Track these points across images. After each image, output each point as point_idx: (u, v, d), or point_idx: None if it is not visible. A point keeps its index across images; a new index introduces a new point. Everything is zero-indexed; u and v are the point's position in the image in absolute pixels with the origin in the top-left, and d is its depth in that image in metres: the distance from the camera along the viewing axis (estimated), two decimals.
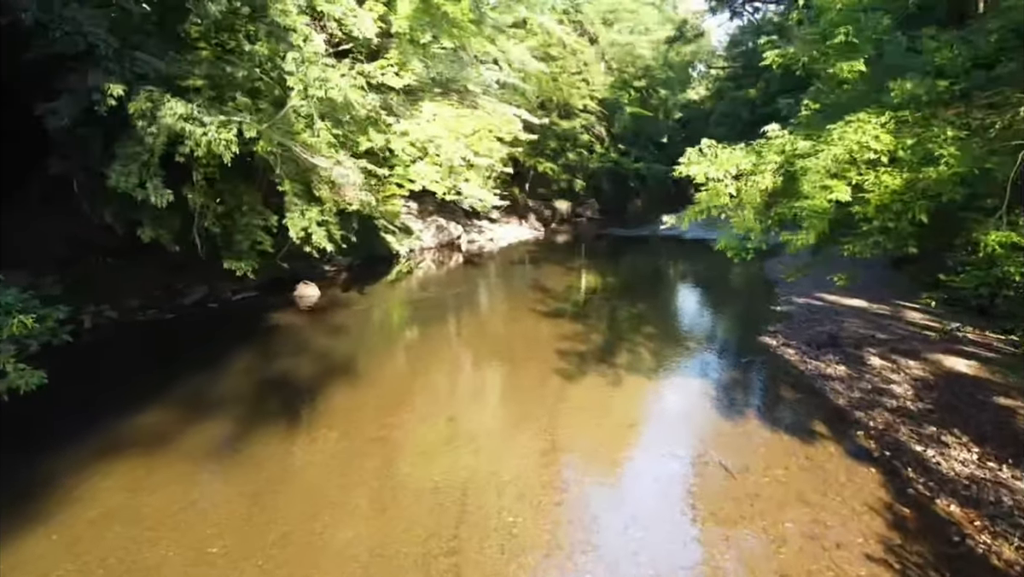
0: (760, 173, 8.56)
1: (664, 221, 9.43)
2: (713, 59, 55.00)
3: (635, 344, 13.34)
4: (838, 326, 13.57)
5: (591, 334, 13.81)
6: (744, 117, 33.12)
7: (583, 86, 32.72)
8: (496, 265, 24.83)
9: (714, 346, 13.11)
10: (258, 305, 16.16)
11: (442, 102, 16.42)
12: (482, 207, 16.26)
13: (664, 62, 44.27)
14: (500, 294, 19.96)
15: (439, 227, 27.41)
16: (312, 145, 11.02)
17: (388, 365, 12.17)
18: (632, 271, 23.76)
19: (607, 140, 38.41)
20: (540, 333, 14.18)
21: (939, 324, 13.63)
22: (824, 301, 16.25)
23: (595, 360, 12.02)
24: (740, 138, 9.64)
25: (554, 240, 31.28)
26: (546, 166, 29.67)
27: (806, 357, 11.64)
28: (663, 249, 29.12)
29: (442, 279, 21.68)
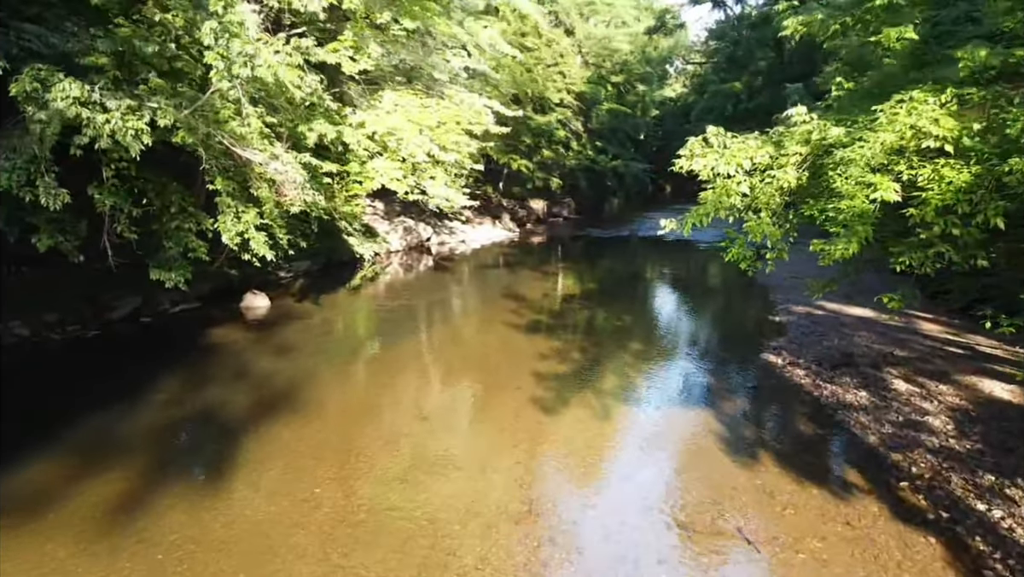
0: (780, 167, 7.01)
1: (662, 226, 7.82)
2: (691, 54, 53.78)
3: (622, 364, 11.77)
4: (848, 341, 12.11)
5: (571, 351, 12.22)
6: (728, 112, 31.80)
7: (559, 79, 31.13)
8: (468, 269, 23.17)
9: (712, 366, 11.54)
10: (199, 318, 14.36)
11: (405, 92, 14.75)
12: (449, 207, 14.62)
13: (642, 56, 42.86)
14: (471, 302, 18.32)
15: (407, 229, 25.70)
16: (244, 136, 9.29)
17: (342, 388, 10.47)
18: (613, 275, 22.18)
19: (584, 136, 36.89)
20: (515, 350, 12.57)
21: (956, 335, 12.24)
22: (826, 311, 14.81)
23: (576, 384, 10.43)
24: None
25: (529, 241, 29.65)
26: (520, 163, 28.03)
27: (819, 380, 10.13)
28: (645, 251, 27.64)
29: (409, 285, 19.98)
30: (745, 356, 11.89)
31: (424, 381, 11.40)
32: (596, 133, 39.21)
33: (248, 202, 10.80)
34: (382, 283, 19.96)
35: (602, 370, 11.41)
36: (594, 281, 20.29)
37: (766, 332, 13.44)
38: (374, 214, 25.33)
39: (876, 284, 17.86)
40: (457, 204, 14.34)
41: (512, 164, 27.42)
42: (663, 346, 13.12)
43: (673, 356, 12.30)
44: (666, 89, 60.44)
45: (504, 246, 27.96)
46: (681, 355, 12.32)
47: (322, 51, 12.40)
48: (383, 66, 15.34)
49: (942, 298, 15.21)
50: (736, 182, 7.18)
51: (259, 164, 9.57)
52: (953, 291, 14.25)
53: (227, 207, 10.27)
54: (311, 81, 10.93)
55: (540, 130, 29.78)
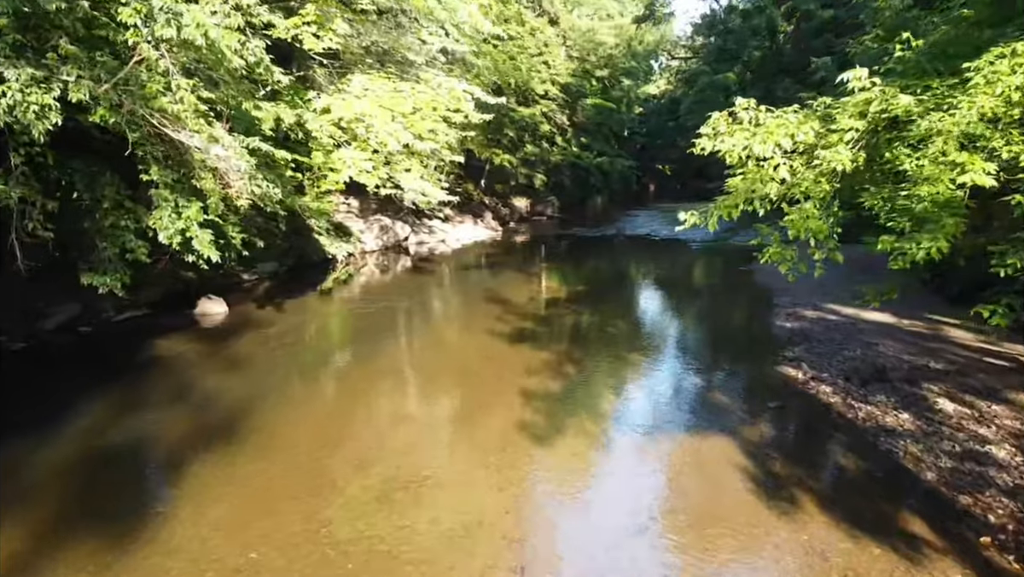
0: (829, 147, 5.65)
1: (681, 220, 6.45)
2: (676, 49, 52.62)
3: (618, 378, 10.39)
4: (873, 351, 10.81)
5: (561, 363, 10.83)
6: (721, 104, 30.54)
7: (543, 69, 29.72)
8: (448, 270, 21.71)
9: (723, 381, 10.17)
10: (146, 327, 12.82)
11: (376, 75, 13.31)
12: (426, 203, 13.20)
13: (627, 50, 41.58)
14: (452, 307, 16.87)
15: (383, 227, 24.20)
16: (177, 115, 7.79)
17: (303, 406, 8.99)
18: (602, 277, 20.79)
19: (570, 131, 35.51)
20: (499, 361, 11.17)
21: (993, 344, 10.98)
22: (839, 316, 13.53)
23: (568, 402, 9.09)
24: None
25: (512, 241, 28.23)
26: (503, 158, 26.61)
27: (851, 398, 8.80)
28: (634, 251, 26.31)
29: (385, 288, 18.49)
30: (759, 369, 10.53)
31: (399, 397, 9.96)
32: (581, 128, 37.86)
33: (192, 195, 9.29)
34: (356, 286, 18.47)
35: (596, 385, 10.04)
36: (583, 283, 18.89)
37: (778, 340, 12.10)
38: (348, 212, 23.83)
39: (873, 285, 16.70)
40: (434, 199, 12.91)
41: (495, 159, 26.00)
42: (664, 357, 11.74)
43: (676, 369, 10.93)
44: (650, 86, 59.31)
45: (486, 246, 26.54)
46: (685, 367, 10.95)
47: (283, 25, 10.94)
48: (352, 48, 13.88)
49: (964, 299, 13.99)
50: (773, 165, 5.81)
51: (196, 149, 8.06)
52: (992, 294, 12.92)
53: (164, 201, 8.77)
54: (255, 49, 9.40)
55: (524, 123, 28.36)
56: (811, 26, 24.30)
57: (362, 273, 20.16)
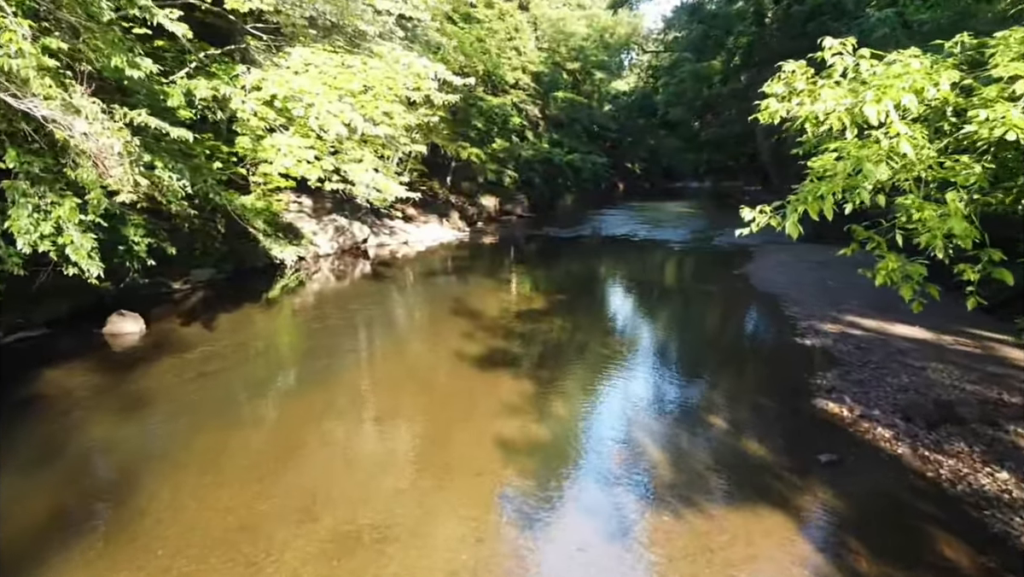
0: (986, 104, 3.65)
1: (748, 222, 4.43)
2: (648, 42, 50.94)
3: (619, 416, 8.30)
4: (923, 379, 8.92)
5: (544, 395, 8.80)
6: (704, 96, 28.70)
7: (514, 56, 27.66)
8: (412, 275, 19.52)
9: (753, 424, 8.07)
10: (37, 353, 10.53)
11: (321, 48, 11.13)
12: (381, 200, 11.05)
13: (600, 41, 39.71)
14: (414, 319, 14.68)
15: (339, 228, 21.93)
16: (22, 76, 5.56)
17: (225, 457, 6.84)
18: (583, 284, 18.70)
19: (542, 125, 33.50)
20: (469, 387, 9.13)
21: None
22: (864, 330, 11.66)
23: (555, 449, 7.12)
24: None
25: (481, 242, 26.04)
26: (471, 152, 24.45)
27: (922, 447, 6.85)
28: (612, 253, 24.30)
29: (340, 296, 16.25)
30: (791, 404, 8.51)
31: (352, 431, 7.85)
32: (553, 123, 35.88)
33: (67, 188, 7.04)
34: (307, 294, 16.24)
35: (586, 425, 8.03)
36: (561, 292, 16.80)
37: (804, 363, 10.18)
38: (300, 211, 21.54)
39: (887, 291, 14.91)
40: (391, 196, 10.77)
41: (461, 153, 23.85)
42: (670, 387, 9.71)
43: (688, 404, 8.88)
44: (619, 82, 57.64)
45: (453, 248, 24.36)
46: (699, 402, 8.89)
47: None
48: (294, 18, 11.67)
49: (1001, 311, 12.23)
50: (890, 135, 3.79)
51: (53, 123, 5.85)
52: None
53: (21, 196, 6.51)
54: None
55: (493, 114, 26.24)
56: (803, 10, 22.56)
57: (315, 279, 17.90)
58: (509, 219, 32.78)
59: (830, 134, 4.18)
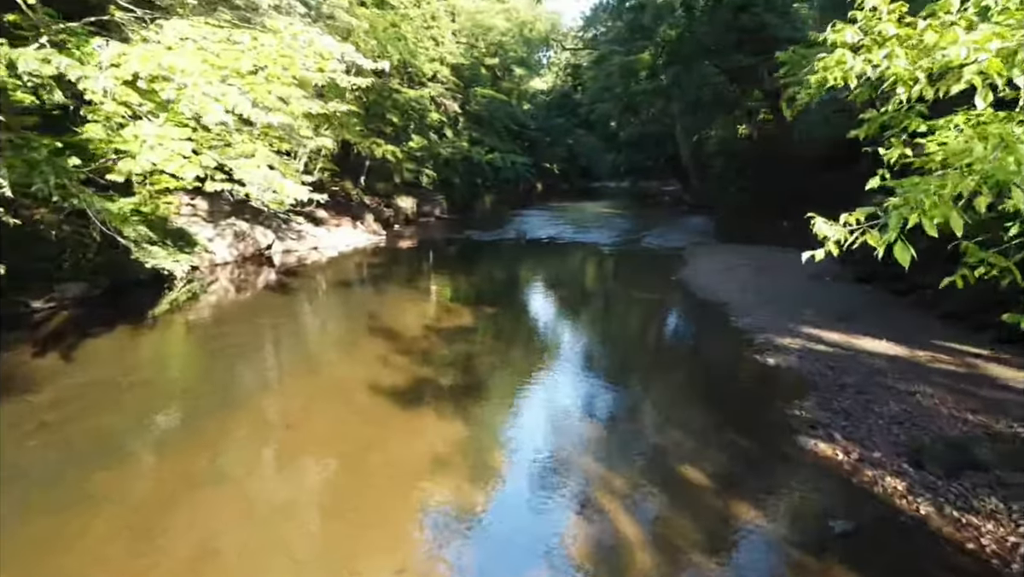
0: None
1: (822, 241, 2.91)
2: (568, 39, 49.97)
3: (562, 475, 6.77)
4: (915, 407, 7.75)
5: (480, 442, 7.24)
6: (632, 90, 27.59)
7: (431, 46, 25.88)
8: (322, 285, 17.57)
9: (733, 474, 6.52)
10: None
11: (201, 22, 9.25)
12: (277, 203, 9.26)
13: (519, 36, 38.35)
14: (323, 340, 12.75)
15: (239, 234, 19.73)
16: None
17: (56, 551, 4.99)
18: (510, 294, 17.14)
19: (462, 122, 31.82)
20: (383, 426, 7.41)
21: None
22: (829, 344, 10.52)
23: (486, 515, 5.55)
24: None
25: (398, 246, 24.15)
26: (386, 149, 22.58)
27: (948, 506, 5.57)
28: (542, 257, 22.88)
29: (239, 312, 14.21)
30: (774, 445, 7.14)
31: (242, 492, 6.00)
32: (472, 120, 34.26)
33: None
34: (201, 309, 14.15)
35: (528, 480, 6.44)
36: (487, 302, 15.21)
37: (773, 389, 8.92)
38: (193, 215, 19.27)
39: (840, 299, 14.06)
40: (291, 198, 8.98)
41: (376, 151, 21.98)
42: (626, 428, 8.18)
43: (654, 450, 7.35)
44: (538, 81, 56.54)
45: (368, 253, 22.42)
46: (667, 447, 7.36)
47: None
48: None
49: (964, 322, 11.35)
50: None
51: None
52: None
53: None
54: None
55: (409, 107, 24.39)
56: (733, 1, 21.67)
57: (210, 291, 15.78)
58: (428, 221, 31.01)
59: (906, 106, 2.74)
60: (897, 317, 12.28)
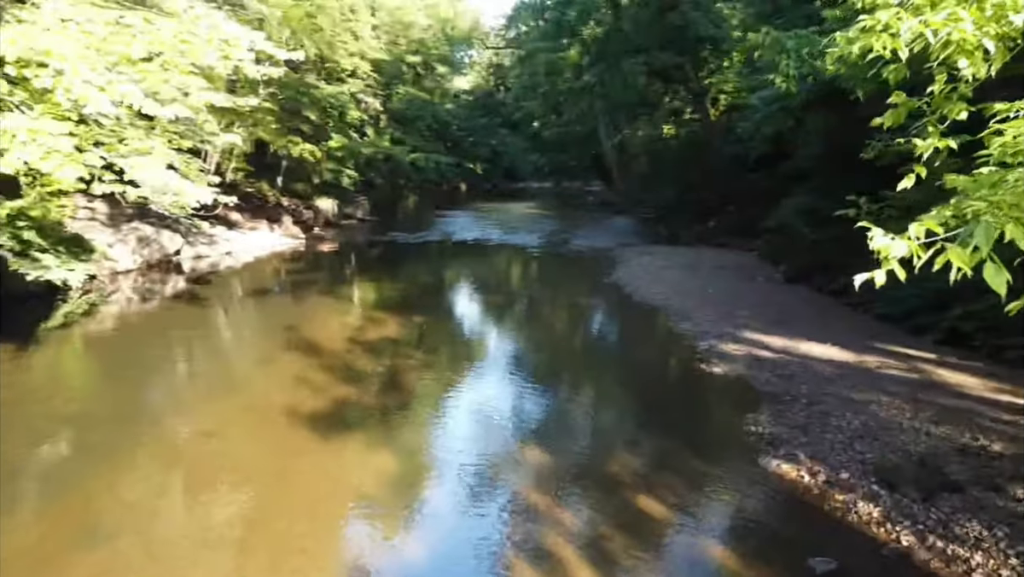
0: None
1: (881, 260, 2.26)
2: (490, 38, 49.34)
3: (498, 504, 6.03)
4: (874, 418, 7.36)
5: (404, 466, 6.48)
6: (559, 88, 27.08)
7: (350, 40, 24.76)
8: (236, 293, 16.37)
9: (694, 504, 5.88)
10: None
11: (87, 2, 8.12)
12: (178, 207, 8.21)
13: (441, 34, 37.50)
14: (235, 357, 11.61)
15: (143, 239, 18.26)
16: None
17: None
18: (439, 300, 16.28)
19: (383, 121, 30.75)
20: (299, 457, 6.53)
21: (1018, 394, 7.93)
22: (774, 351, 10.15)
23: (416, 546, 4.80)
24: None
25: (319, 250, 22.95)
26: (303, 148, 21.40)
27: (930, 534, 5.09)
28: (470, 260, 22.15)
29: (141, 325, 12.94)
30: (734, 466, 6.56)
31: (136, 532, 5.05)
32: (394, 119, 33.21)
33: None
34: (99, 322, 12.82)
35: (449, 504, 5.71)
36: (414, 309, 14.34)
37: (724, 401, 8.45)
38: (91, 219, 17.74)
39: (776, 301, 13.83)
40: (193, 201, 7.95)
41: (293, 150, 20.82)
42: (571, 447, 7.48)
43: (602, 473, 6.64)
44: (461, 80, 55.74)
45: (286, 258, 21.20)
46: (616, 470, 6.66)
47: None
48: None
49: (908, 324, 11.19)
50: None
51: None
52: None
53: None
54: None
55: (328, 104, 23.24)
56: None
57: (111, 302, 14.42)
58: (349, 223, 29.79)
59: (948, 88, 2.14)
60: (835, 319, 12.07)
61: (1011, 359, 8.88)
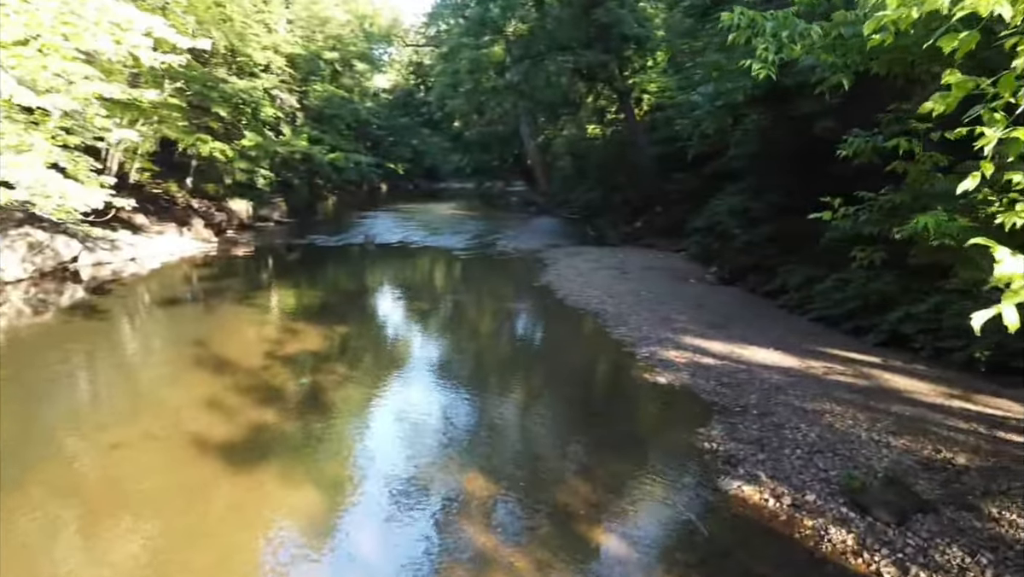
0: None
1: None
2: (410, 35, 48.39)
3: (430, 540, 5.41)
4: (830, 430, 7.01)
5: (335, 504, 5.73)
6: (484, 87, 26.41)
7: (263, 33, 23.49)
8: (141, 303, 15.07)
9: (648, 534, 5.33)
10: None
11: None
12: (64, 212, 7.21)
13: (360, 30, 36.35)
14: (135, 377, 10.47)
15: (35, 245, 16.72)
16: None
17: None
18: (363, 308, 15.35)
19: (300, 118, 29.47)
20: (211, 501, 5.69)
21: (966, 398, 7.74)
22: (717, 357, 9.79)
23: None
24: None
25: (233, 255, 21.63)
26: (213, 147, 20.09)
27: (912, 564, 4.70)
28: (394, 263, 21.27)
29: (29, 340, 11.61)
30: (690, 489, 6.06)
31: None
32: (312, 117, 31.92)
33: None
34: None
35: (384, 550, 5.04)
36: (337, 319, 13.42)
37: (672, 415, 7.97)
38: None
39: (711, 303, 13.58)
40: (81, 205, 6.97)
41: (202, 148, 19.53)
42: (499, 466, 6.84)
43: (547, 502, 6.04)
44: (380, 79, 54.49)
45: (197, 263, 19.87)
46: (562, 497, 6.05)
47: None
48: None
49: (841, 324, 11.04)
50: None
51: None
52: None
53: None
54: None
55: (240, 100, 21.96)
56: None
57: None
58: (265, 226, 28.41)
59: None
60: (772, 322, 11.87)
61: (958, 362, 8.76)
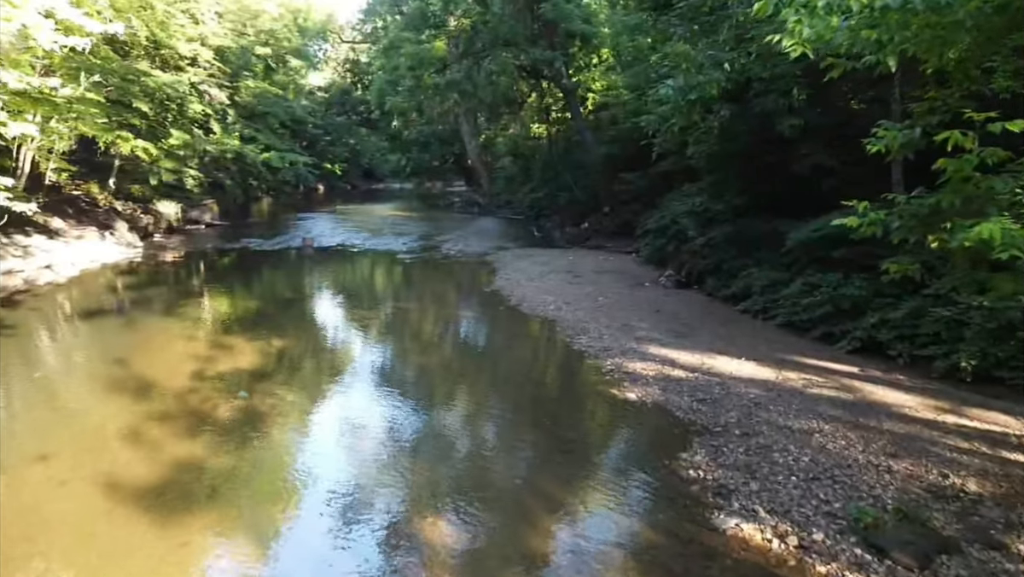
0: None
1: None
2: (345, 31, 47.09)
3: None
4: (824, 454, 6.47)
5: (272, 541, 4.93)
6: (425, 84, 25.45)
7: (189, 24, 22.10)
8: (55, 315, 13.71)
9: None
10: None
11: None
12: None
13: (293, 25, 35.02)
14: (44, 406, 9.27)
15: None
16: None
17: None
18: (303, 319, 14.22)
19: (232, 116, 28.03)
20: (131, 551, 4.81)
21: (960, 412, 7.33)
22: (687, 369, 9.22)
23: None
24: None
25: (160, 260, 20.17)
26: (136, 145, 18.69)
27: None
28: (332, 269, 20.20)
29: None
30: (681, 531, 5.39)
31: None
32: (244, 115, 30.49)
33: None
34: None
35: None
36: (274, 329, 12.38)
37: (650, 437, 7.33)
38: None
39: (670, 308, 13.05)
40: None
41: (123, 146, 18.16)
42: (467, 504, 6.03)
43: (508, 546, 5.36)
44: (316, 77, 53.00)
45: (121, 270, 18.46)
46: (537, 543, 5.45)
47: None
48: None
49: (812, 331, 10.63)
50: None
51: None
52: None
53: None
54: None
55: (164, 94, 20.56)
56: None
57: None
58: (196, 229, 26.90)
59: None
60: (737, 329, 11.40)
61: (939, 370, 8.38)
